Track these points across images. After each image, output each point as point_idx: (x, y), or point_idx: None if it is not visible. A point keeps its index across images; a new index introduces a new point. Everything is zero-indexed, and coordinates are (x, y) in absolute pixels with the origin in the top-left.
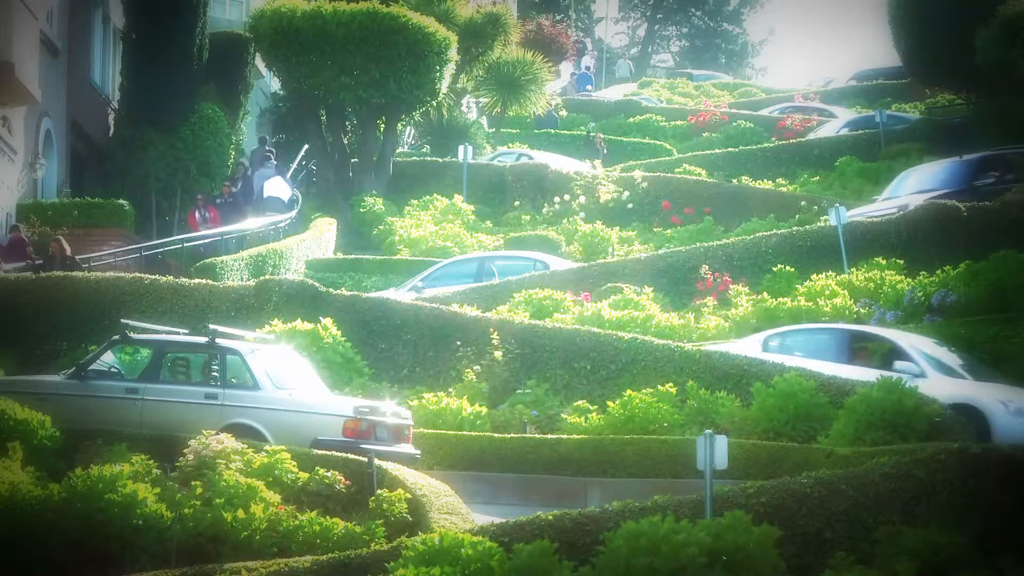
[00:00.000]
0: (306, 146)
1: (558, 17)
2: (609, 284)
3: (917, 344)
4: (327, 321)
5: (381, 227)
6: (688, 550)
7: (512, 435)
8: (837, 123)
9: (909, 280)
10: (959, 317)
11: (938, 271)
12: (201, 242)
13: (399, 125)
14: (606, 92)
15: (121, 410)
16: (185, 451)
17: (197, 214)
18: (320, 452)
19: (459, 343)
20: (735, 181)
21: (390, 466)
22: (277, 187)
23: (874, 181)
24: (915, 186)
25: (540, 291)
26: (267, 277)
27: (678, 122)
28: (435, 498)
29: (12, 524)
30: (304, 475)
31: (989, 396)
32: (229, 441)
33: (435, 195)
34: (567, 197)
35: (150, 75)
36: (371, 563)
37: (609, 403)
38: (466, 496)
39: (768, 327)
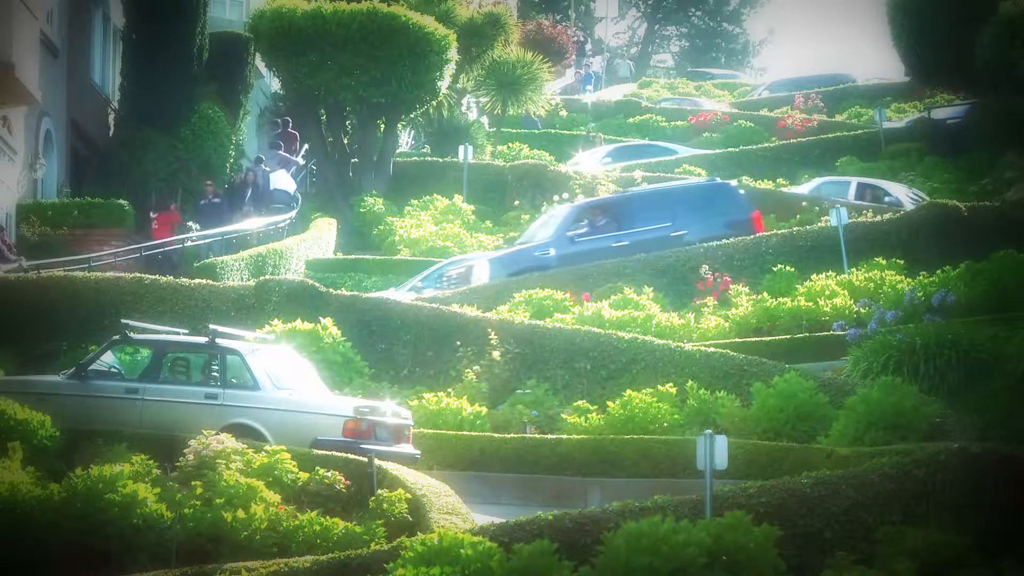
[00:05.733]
0: (306, 146)
1: (558, 17)
2: (609, 284)
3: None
4: (327, 321)
5: (381, 227)
6: (688, 550)
7: (512, 435)
8: (601, 151)
9: (909, 280)
10: (959, 317)
11: (938, 271)
12: (200, 243)
13: (399, 125)
14: (606, 92)
15: (121, 410)
16: (185, 451)
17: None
18: (320, 452)
19: (459, 343)
20: (735, 181)
21: (390, 466)
22: (282, 180)
23: None
24: (526, 236)
25: (540, 291)
26: (267, 277)
27: (678, 122)
28: (435, 498)
29: (12, 524)
30: (304, 475)
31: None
32: (229, 441)
33: (435, 195)
34: (566, 196)
35: (150, 75)
36: (371, 563)
37: (609, 403)
38: (466, 496)
39: (768, 327)
